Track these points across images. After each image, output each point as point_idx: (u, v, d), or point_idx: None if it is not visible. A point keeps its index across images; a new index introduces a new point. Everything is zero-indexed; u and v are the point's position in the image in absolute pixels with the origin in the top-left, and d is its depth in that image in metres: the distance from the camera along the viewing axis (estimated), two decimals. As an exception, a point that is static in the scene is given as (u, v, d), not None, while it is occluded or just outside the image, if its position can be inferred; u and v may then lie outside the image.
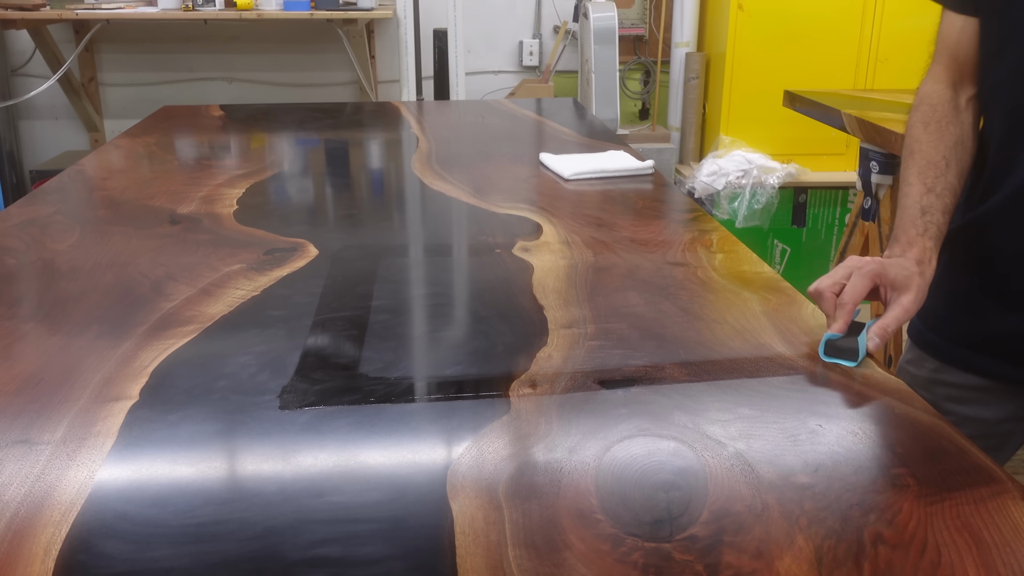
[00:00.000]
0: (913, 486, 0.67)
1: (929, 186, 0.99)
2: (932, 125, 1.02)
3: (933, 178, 0.99)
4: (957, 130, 1.02)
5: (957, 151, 1.01)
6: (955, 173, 1.00)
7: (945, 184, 0.99)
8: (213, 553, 0.60)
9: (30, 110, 3.59)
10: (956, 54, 1.04)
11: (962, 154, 1.01)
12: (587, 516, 0.63)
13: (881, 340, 0.89)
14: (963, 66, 1.03)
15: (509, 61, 3.75)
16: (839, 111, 2.26)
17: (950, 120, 1.02)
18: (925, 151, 1.01)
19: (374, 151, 1.94)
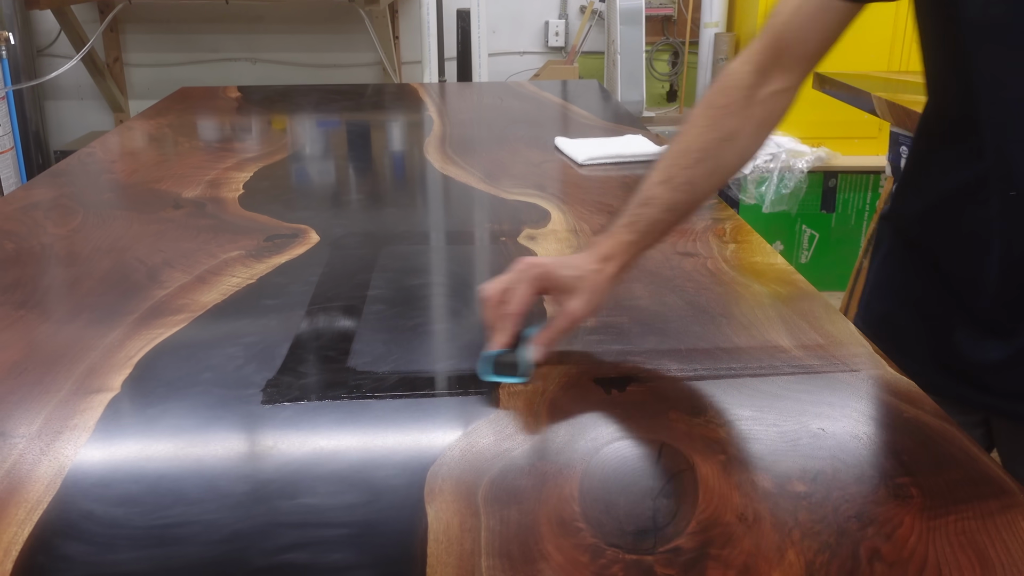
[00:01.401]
0: (917, 497, 0.63)
1: (668, 176, 0.86)
2: (712, 110, 0.89)
3: (678, 169, 0.86)
4: (735, 124, 0.87)
5: (723, 147, 0.87)
6: (708, 168, 0.86)
7: (687, 178, 0.86)
8: (176, 557, 0.57)
9: (56, 90, 3.60)
10: (782, 34, 0.87)
11: (729, 151, 0.87)
12: (568, 524, 0.60)
13: (544, 346, 0.82)
14: (783, 51, 0.87)
15: (535, 42, 3.70)
16: (869, 94, 2.19)
17: (734, 111, 0.88)
18: (688, 137, 0.88)
19: (388, 134, 1.91)
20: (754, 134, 0.89)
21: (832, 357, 0.84)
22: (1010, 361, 0.86)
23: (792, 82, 0.89)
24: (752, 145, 0.90)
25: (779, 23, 0.88)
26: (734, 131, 0.88)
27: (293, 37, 3.62)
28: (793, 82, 0.89)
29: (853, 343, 0.87)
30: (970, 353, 0.88)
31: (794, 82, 0.89)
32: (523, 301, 0.83)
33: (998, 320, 0.86)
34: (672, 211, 0.87)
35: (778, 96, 0.89)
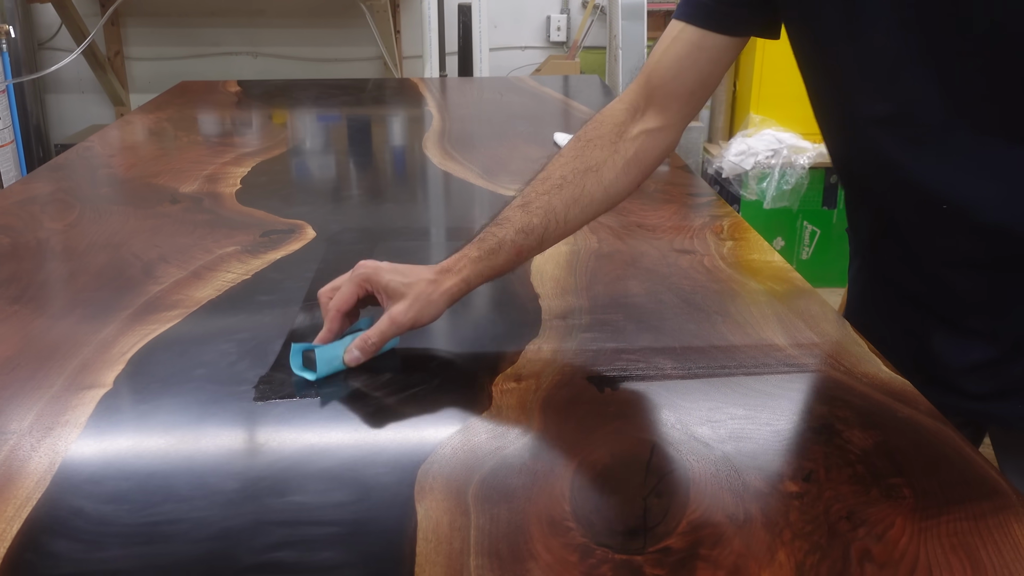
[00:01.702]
0: (909, 498, 0.63)
1: (525, 201, 0.87)
2: (580, 142, 0.90)
3: (536, 194, 0.87)
4: (600, 155, 0.88)
5: (586, 176, 0.87)
6: (568, 196, 0.86)
7: (544, 203, 0.86)
8: (164, 555, 0.57)
9: (57, 84, 3.60)
10: (653, 73, 0.89)
11: (592, 182, 0.87)
12: (558, 524, 0.60)
13: (361, 353, 0.81)
14: (655, 90, 0.89)
15: (536, 36, 3.69)
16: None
17: (601, 144, 0.89)
18: (553, 165, 0.89)
19: (387, 129, 1.91)
20: (623, 170, 0.89)
21: (827, 356, 0.83)
22: (991, 361, 0.86)
23: (666, 121, 0.90)
24: (621, 181, 0.89)
25: (652, 62, 0.90)
26: (599, 163, 0.88)
27: (294, 31, 3.61)
28: (667, 121, 0.90)
29: (848, 342, 0.86)
30: (951, 359, 0.88)
31: (668, 121, 0.90)
32: (343, 299, 0.83)
33: (973, 325, 0.86)
34: (524, 233, 0.85)
35: (650, 135, 0.90)
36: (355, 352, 0.81)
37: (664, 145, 0.91)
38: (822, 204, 3.29)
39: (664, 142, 0.91)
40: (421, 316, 0.82)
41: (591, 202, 0.88)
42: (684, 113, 0.90)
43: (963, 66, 0.74)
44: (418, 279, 0.83)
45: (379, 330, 0.82)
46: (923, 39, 0.75)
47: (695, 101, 0.90)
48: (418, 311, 0.82)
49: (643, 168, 0.91)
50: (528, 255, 0.87)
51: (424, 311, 0.82)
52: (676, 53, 0.88)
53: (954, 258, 0.84)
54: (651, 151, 0.90)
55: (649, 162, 0.91)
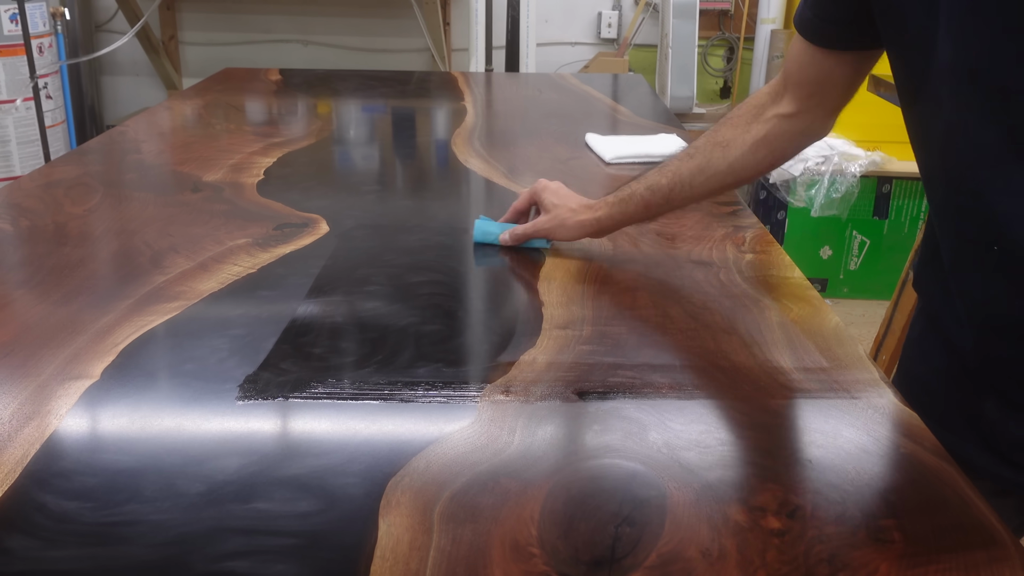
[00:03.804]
0: (899, 542, 0.59)
1: (663, 165, 1.00)
2: (721, 121, 0.99)
3: (672, 160, 0.99)
4: (731, 133, 0.97)
5: (714, 150, 0.97)
6: (695, 165, 0.97)
7: (674, 168, 0.98)
8: (117, 558, 0.56)
9: (112, 66, 3.66)
10: (787, 68, 0.94)
11: (718, 156, 0.97)
12: (521, 548, 0.58)
13: (509, 237, 1.08)
14: (788, 81, 0.94)
15: (587, 33, 3.65)
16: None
17: (735, 123, 0.97)
18: (697, 139, 1.00)
19: (419, 124, 1.89)
20: (751, 149, 0.96)
21: (834, 382, 0.80)
22: None
23: (798, 108, 0.95)
24: (747, 159, 0.96)
25: (788, 60, 0.95)
26: (729, 139, 0.97)
27: (344, 20, 3.62)
28: (799, 108, 0.95)
29: (859, 368, 0.82)
30: (1002, 428, 0.80)
31: (801, 108, 0.94)
32: (520, 201, 1.12)
33: None
34: (652, 190, 0.99)
35: (782, 120, 0.95)
36: (506, 236, 1.09)
37: (796, 131, 0.95)
38: (873, 214, 3.20)
39: (796, 127, 0.94)
40: (553, 232, 1.06)
41: (715, 173, 0.97)
42: (816, 103, 0.93)
43: None
44: (564, 205, 1.06)
45: (524, 228, 1.08)
46: None
47: (824, 97, 0.92)
48: (552, 227, 1.06)
49: (773, 150, 0.96)
50: (656, 211, 1.02)
51: (556, 230, 1.06)
52: (797, 49, 0.93)
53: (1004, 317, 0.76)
54: (783, 135, 0.95)
55: (780, 145, 0.96)
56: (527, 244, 1.08)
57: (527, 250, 1.10)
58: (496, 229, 1.10)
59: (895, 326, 2.33)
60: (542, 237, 1.07)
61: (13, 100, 2.75)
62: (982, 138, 0.71)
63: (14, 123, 2.80)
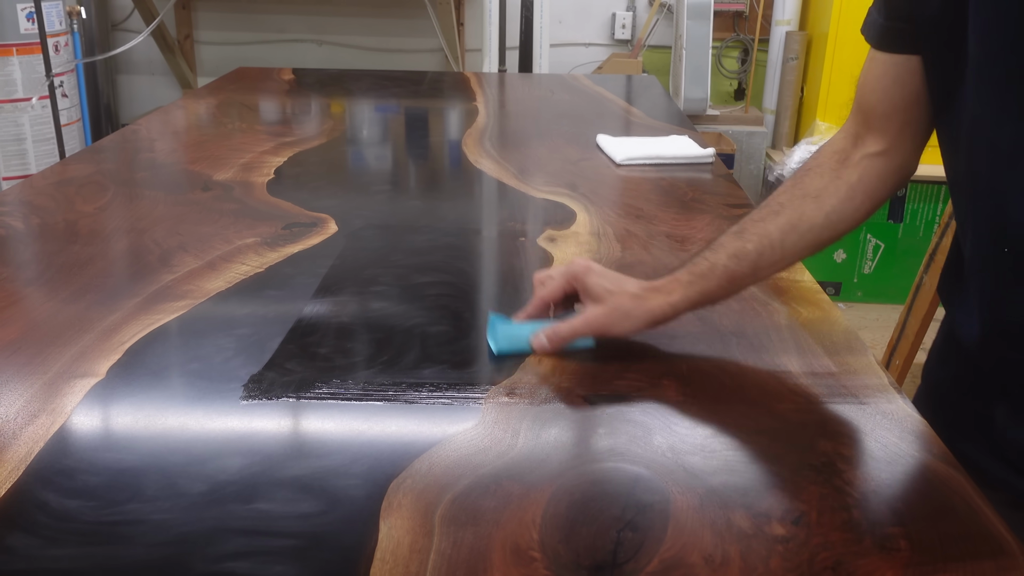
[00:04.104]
0: (904, 550, 0.58)
1: (741, 228, 0.85)
2: (800, 173, 0.88)
3: (751, 222, 0.85)
4: (819, 183, 0.86)
5: (804, 202, 0.85)
6: (785, 222, 0.84)
7: (759, 230, 0.84)
8: (117, 557, 0.56)
9: (128, 65, 3.68)
10: (862, 101, 0.86)
11: (812, 208, 0.85)
12: (522, 552, 0.57)
13: (548, 341, 0.83)
14: (869, 113, 0.85)
15: (601, 34, 3.64)
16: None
17: (821, 172, 0.86)
18: (774, 194, 0.87)
19: (429, 124, 1.89)
20: (847, 196, 0.85)
21: (842, 387, 0.79)
22: None
23: (888, 144, 0.85)
24: (845, 208, 0.85)
25: (859, 86, 0.87)
26: (819, 189, 0.85)
27: (359, 21, 3.63)
28: (890, 144, 0.85)
29: (868, 373, 0.82)
30: (1012, 435, 0.78)
31: (891, 143, 0.85)
32: (550, 290, 0.87)
33: None
34: (737, 259, 0.83)
35: (874, 159, 0.85)
36: (542, 339, 0.84)
37: (891, 168, 0.86)
38: (888, 217, 3.18)
39: (891, 165, 0.86)
40: (613, 327, 0.83)
41: (810, 228, 0.85)
42: (907, 133, 0.84)
43: None
44: (622, 291, 0.84)
45: (571, 326, 0.84)
46: None
47: (915, 119, 0.83)
48: (612, 321, 0.83)
49: (869, 194, 0.86)
50: (741, 283, 0.85)
51: (618, 323, 0.83)
52: (874, 74, 0.84)
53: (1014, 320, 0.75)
54: (877, 176, 0.86)
55: (876, 187, 0.86)
56: (568, 346, 0.84)
57: (539, 249, 1.09)
58: (523, 331, 0.85)
59: (909, 331, 2.31)
60: (595, 334, 0.84)
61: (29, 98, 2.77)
62: (998, 138, 0.70)
63: (30, 121, 2.82)
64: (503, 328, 0.86)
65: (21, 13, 2.72)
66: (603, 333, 0.84)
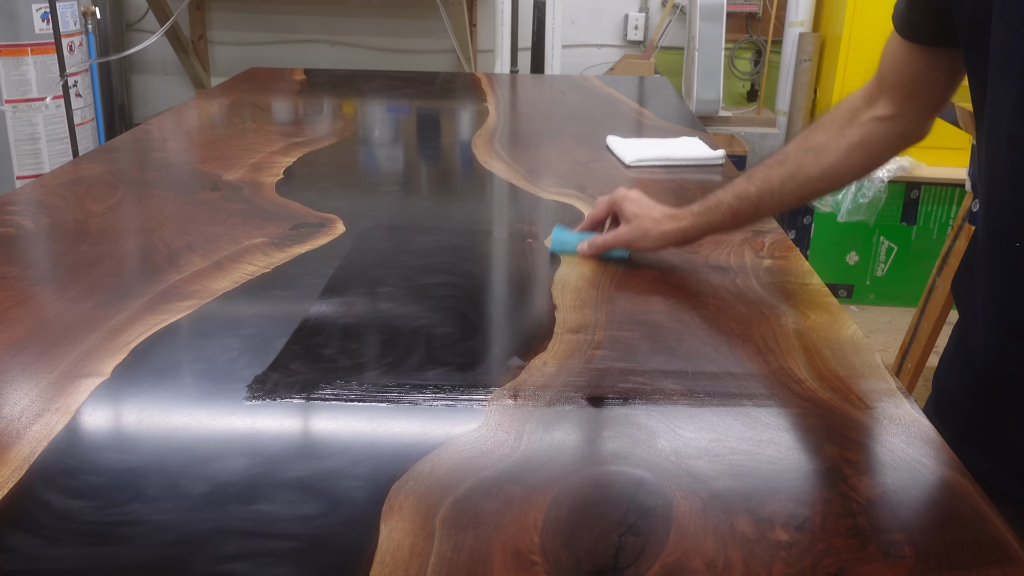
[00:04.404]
0: (909, 557, 0.58)
1: (750, 173, 0.97)
2: (812, 125, 0.96)
3: (760, 168, 0.97)
4: (823, 138, 0.94)
5: (806, 156, 0.94)
6: (786, 171, 0.94)
7: (763, 175, 0.96)
8: (118, 558, 0.56)
9: (142, 65, 3.70)
10: (880, 68, 0.92)
11: (811, 161, 0.93)
12: (523, 556, 0.57)
13: (588, 247, 1.06)
14: (883, 83, 0.92)
15: (613, 35, 3.63)
16: (952, 103, 2.07)
17: (828, 128, 0.94)
18: (786, 145, 0.97)
19: (440, 125, 1.89)
20: (846, 153, 0.93)
21: (849, 391, 0.78)
22: None
23: (896, 110, 0.91)
24: (842, 164, 0.93)
25: (882, 55, 0.92)
26: (822, 144, 0.94)
27: (371, 21, 3.63)
28: (897, 110, 0.91)
29: (875, 378, 0.81)
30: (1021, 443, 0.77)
31: (898, 111, 0.91)
32: (596, 211, 1.09)
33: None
34: (740, 199, 0.97)
35: (879, 123, 0.92)
36: (585, 246, 1.06)
37: (894, 134, 0.92)
38: (900, 220, 3.16)
39: (894, 130, 0.92)
40: (636, 242, 1.03)
41: (807, 180, 0.94)
42: (913, 104, 0.90)
43: None
44: (647, 215, 1.02)
45: (604, 239, 1.05)
46: None
47: (922, 98, 0.90)
48: (634, 237, 1.03)
49: (870, 154, 0.93)
50: (744, 219, 0.99)
51: (638, 240, 1.03)
52: (891, 48, 0.91)
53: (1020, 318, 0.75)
54: (880, 139, 0.92)
55: (878, 150, 0.93)
56: (606, 254, 1.06)
57: (546, 250, 1.09)
58: (573, 239, 1.08)
59: (921, 334, 2.29)
60: (623, 247, 1.05)
61: (43, 98, 2.78)
62: (1018, 131, 0.70)
63: (44, 121, 2.83)
64: (560, 235, 1.09)
65: (36, 13, 2.74)
66: (628, 246, 1.04)
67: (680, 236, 1.00)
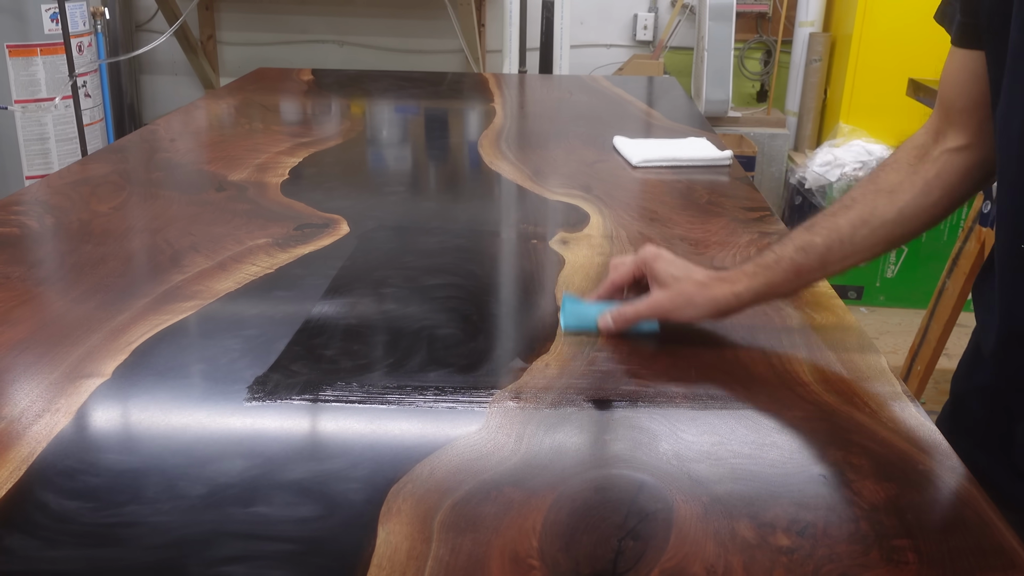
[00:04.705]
0: (913, 563, 0.57)
1: (812, 223, 0.85)
2: (877, 168, 0.87)
3: (824, 216, 0.85)
4: (895, 177, 0.84)
5: (878, 197, 0.84)
6: (854, 216, 0.83)
7: (829, 224, 0.83)
8: (114, 560, 0.56)
9: (152, 65, 3.71)
10: (943, 96, 0.84)
11: (885, 203, 0.83)
12: (521, 560, 0.56)
13: (613, 322, 0.87)
14: (949, 108, 0.84)
15: (622, 35, 3.62)
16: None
17: (897, 167, 0.85)
18: (850, 191, 0.86)
19: (446, 125, 1.89)
20: (922, 191, 0.83)
21: (853, 395, 0.77)
22: None
23: (970, 139, 0.83)
24: (919, 203, 0.83)
25: (941, 81, 0.85)
26: (894, 184, 0.84)
27: (380, 21, 3.64)
28: (971, 139, 0.83)
29: (881, 380, 0.80)
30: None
31: (973, 139, 0.83)
32: (620, 273, 0.90)
33: None
34: (804, 251, 0.83)
35: (954, 155, 0.83)
36: (608, 319, 0.87)
37: (972, 164, 0.83)
38: (911, 220, 3.14)
39: (972, 161, 0.83)
40: (677, 311, 0.85)
41: (882, 223, 0.83)
42: (989, 128, 0.81)
43: None
44: (688, 278, 0.85)
45: (635, 309, 0.86)
46: None
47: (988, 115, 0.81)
48: (676, 306, 0.85)
49: (948, 190, 0.84)
50: (809, 276, 0.84)
51: (682, 308, 0.85)
52: (952, 68, 0.83)
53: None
54: (957, 171, 0.84)
55: (955, 184, 0.84)
56: (634, 328, 0.87)
57: (551, 252, 1.08)
58: (592, 311, 0.89)
59: (931, 336, 2.27)
60: (660, 318, 0.87)
61: (52, 98, 2.79)
62: None
63: (53, 121, 2.84)
64: (572, 307, 0.90)
65: (45, 14, 2.75)
66: (666, 317, 0.86)
67: (733, 303, 0.83)
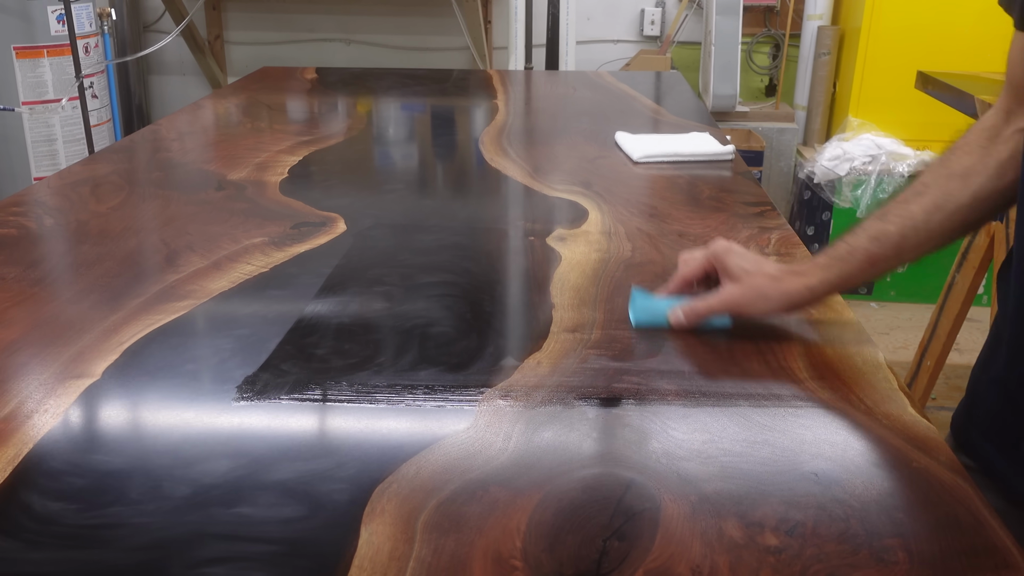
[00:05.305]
0: (903, 563, 0.56)
1: (884, 211, 0.83)
2: (947, 152, 0.85)
3: (895, 203, 0.83)
4: (967, 161, 0.82)
5: (951, 182, 0.82)
6: (930, 202, 0.81)
7: (901, 211, 0.82)
8: (95, 562, 0.56)
9: (159, 65, 3.72)
10: (1011, 77, 0.83)
11: (958, 187, 0.81)
12: (504, 561, 0.56)
13: (684, 317, 0.86)
14: (1017, 90, 0.82)
15: (630, 30, 3.61)
16: (972, 96, 2.04)
17: (969, 150, 0.83)
18: (920, 176, 0.85)
19: (449, 122, 1.88)
20: (996, 174, 0.82)
21: (848, 391, 0.76)
22: None
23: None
24: (994, 186, 0.82)
25: (1008, 62, 0.83)
26: (967, 168, 0.82)
27: (386, 19, 3.63)
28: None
29: (877, 377, 0.79)
30: None
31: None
32: (690, 268, 0.90)
33: None
34: (878, 241, 0.82)
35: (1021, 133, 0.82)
36: (679, 314, 0.86)
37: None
38: (922, 214, 3.11)
39: None
40: (749, 306, 0.85)
41: (957, 208, 0.81)
42: None
43: None
44: (760, 271, 0.85)
45: (707, 303, 0.86)
46: None
47: None
48: (748, 300, 0.84)
49: (1016, 162, 0.81)
50: (884, 266, 0.83)
51: (754, 303, 0.84)
52: (1018, 48, 0.82)
53: None
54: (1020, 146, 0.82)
55: (1017, 156, 0.81)
56: (706, 323, 0.86)
57: (548, 248, 1.08)
58: (661, 305, 0.88)
59: (940, 331, 2.25)
60: (732, 313, 0.86)
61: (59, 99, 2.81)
62: None
63: (60, 122, 2.85)
64: (642, 301, 0.89)
65: (52, 15, 2.76)
66: (738, 311, 0.85)
67: (807, 296, 0.83)
